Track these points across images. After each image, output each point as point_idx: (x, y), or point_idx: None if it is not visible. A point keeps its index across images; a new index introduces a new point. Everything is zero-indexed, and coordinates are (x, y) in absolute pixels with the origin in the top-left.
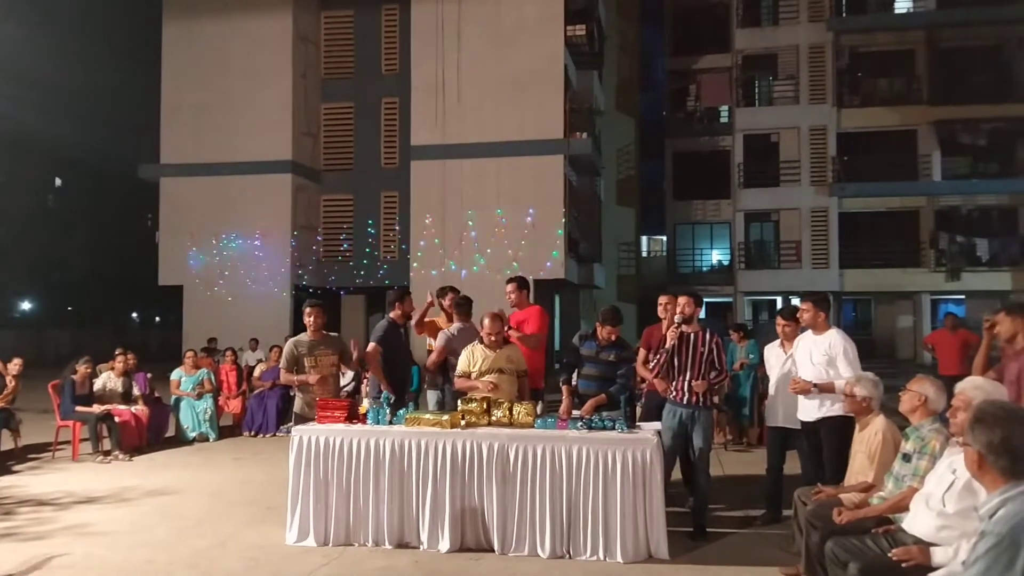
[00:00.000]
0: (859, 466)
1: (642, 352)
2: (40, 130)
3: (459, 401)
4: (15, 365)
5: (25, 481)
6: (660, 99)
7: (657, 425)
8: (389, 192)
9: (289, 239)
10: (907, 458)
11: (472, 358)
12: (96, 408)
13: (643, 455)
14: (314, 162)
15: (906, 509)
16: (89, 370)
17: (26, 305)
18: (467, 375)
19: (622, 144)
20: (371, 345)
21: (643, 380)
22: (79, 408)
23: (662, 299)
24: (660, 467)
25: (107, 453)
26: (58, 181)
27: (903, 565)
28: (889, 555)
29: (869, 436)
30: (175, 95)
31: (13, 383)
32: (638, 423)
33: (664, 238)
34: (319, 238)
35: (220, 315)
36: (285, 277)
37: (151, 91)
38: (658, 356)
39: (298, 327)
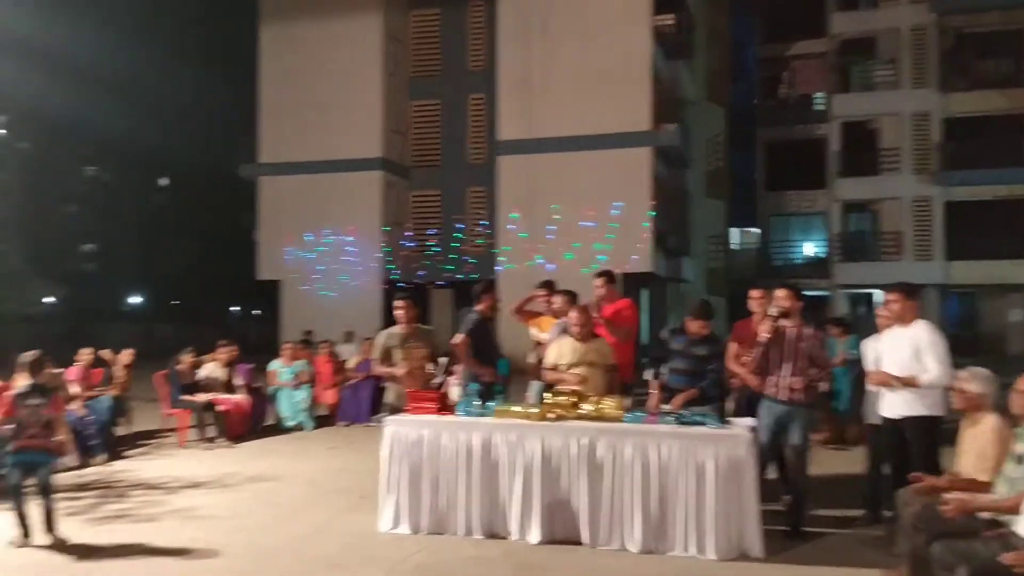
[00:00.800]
0: (967, 466)
1: (733, 347)
2: (146, 133)
3: (547, 394)
4: (127, 355)
5: (136, 466)
6: (751, 87)
7: (750, 421)
8: (476, 187)
9: (380, 235)
10: (1021, 460)
11: (561, 351)
12: (201, 397)
13: (736, 451)
14: (403, 159)
15: (1019, 512)
16: (194, 361)
17: (135, 299)
18: (555, 368)
19: (712, 134)
20: (459, 336)
21: (733, 375)
22: (185, 397)
23: (755, 293)
24: (754, 464)
25: (211, 440)
26: (163, 182)
27: (1015, 570)
28: (1000, 559)
29: (979, 435)
30: (272, 97)
31: (125, 373)
32: (731, 419)
33: (755, 230)
34: (408, 233)
35: (315, 309)
36: (376, 272)
37: (250, 94)
38: (753, 351)
39: (389, 320)
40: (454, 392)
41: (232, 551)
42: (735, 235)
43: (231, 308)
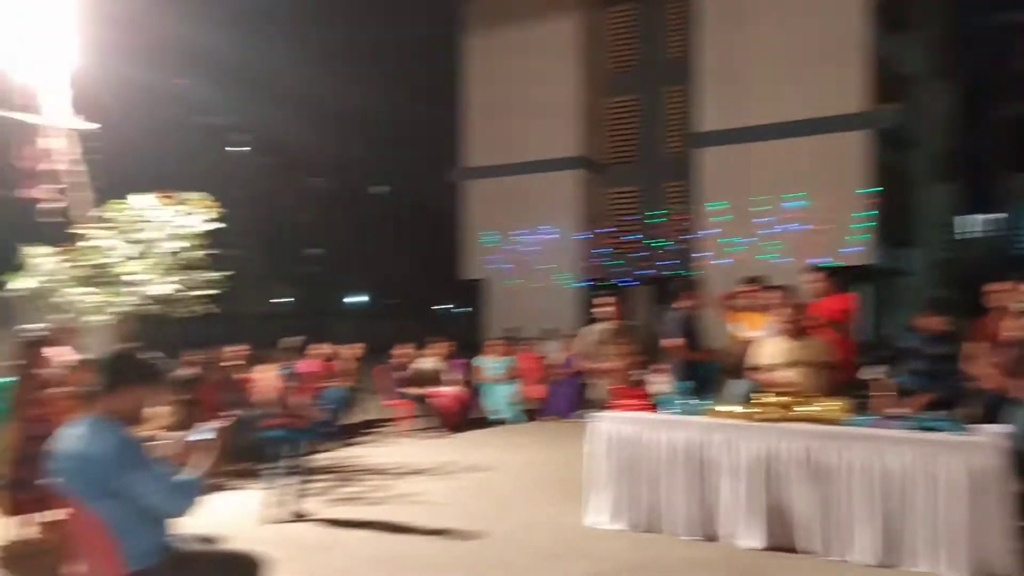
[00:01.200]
0: None
1: (975, 346)
2: (363, 146)
3: (759, 394)
4: (357, 350)
5: (363, 452)
6: (985, 59)
7: (1000, 428)
8: (674, 182)
9: (579, 233)
10: None
11: (769, 350)
12: (418, 390)
13: (983, 461)
14: (601, 156)
15: None
16: (411, 355)
17: (356, 299)
18: (763, 368)
19: (940, 112)
20: (672, 340)
21: (975, 377)
22: (404, 389)
23: (997, 287)
24: (1005, 475)
25: (428, 430)
26: (379, 190)
27: None
28: None
29: None
30: (476, 103)
31: (355, 366)
32: (975, 424)
33: (992, 216)
34: (606, 230)
35: (518, 306)
36: (574, 269)
37: (452, 102)
38: (1004, 351)
39: (590, 318)
40: (659, 389)
41: (455, 536)
42: (969, 222)
43: (441, 306)
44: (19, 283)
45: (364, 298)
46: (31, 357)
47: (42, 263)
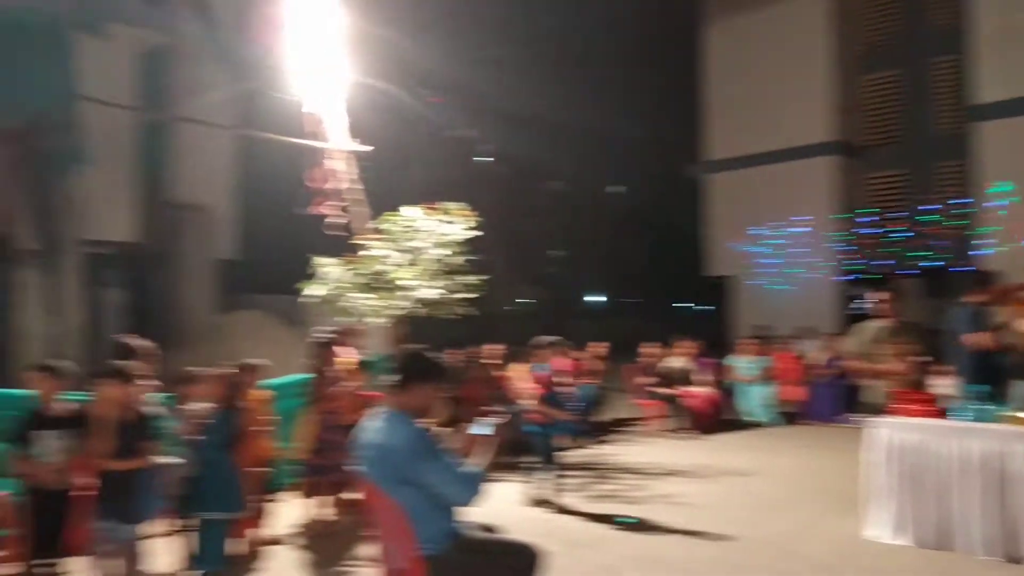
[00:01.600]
0: None
1: None
2: (596, 147)
3: None
4: (602, 348)
5: (616, 451)
6: None
7: None
8: (946, 162)
9: (833, 223)
10: None
11: None
12: (668, 390)
13: None
14: (858, 139)
15: None
16: (659, 354)
17: (594, 298)
18: None
19: None
20: (971, 339)
21: None
22: (653, 388)
23: None
24: None
25: (679, 431)
26: (615, 189)
27: None
28: None
29: None
30: (719, 92)
31: (601, 364)
32: None
33: None
34: (867, 219)
35: (768, 303)
36: (832, 262)
37: (691, 94)
38: None
39: (852, 315)
40: (944, 392)
41: (720, 541)
42: None
43: (682, 304)
44: (311, 290)
45: (603, 297)
46: (323, 356)
47: (330, 272)
